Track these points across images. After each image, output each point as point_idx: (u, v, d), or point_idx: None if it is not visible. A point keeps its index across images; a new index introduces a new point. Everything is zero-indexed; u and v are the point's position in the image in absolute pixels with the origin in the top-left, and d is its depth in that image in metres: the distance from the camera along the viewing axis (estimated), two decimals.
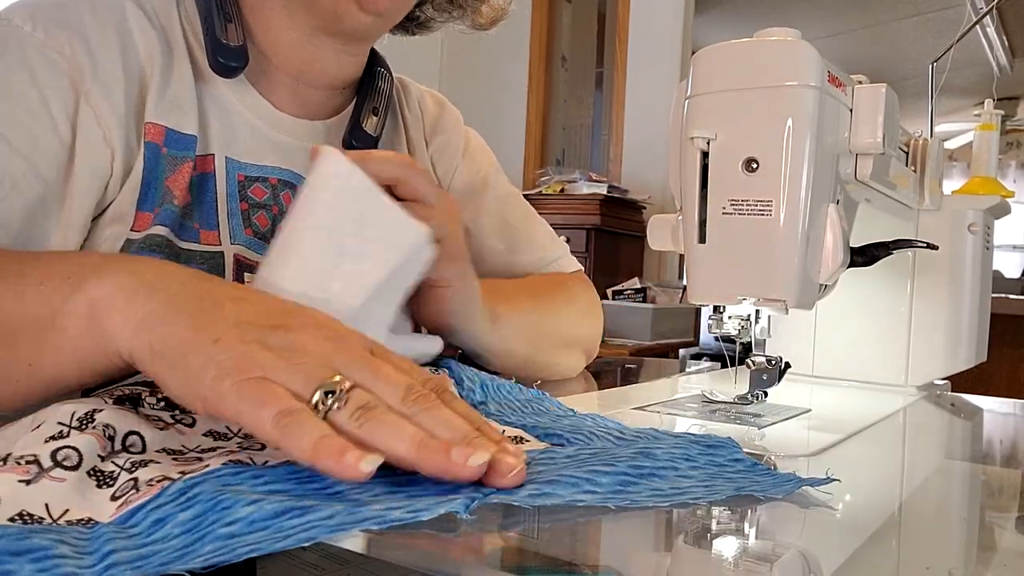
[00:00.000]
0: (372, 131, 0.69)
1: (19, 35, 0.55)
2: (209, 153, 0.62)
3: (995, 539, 0.38)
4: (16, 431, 0.36)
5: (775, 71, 0.54)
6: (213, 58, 0.60)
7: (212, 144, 0.62)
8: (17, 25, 0.56)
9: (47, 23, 0.56)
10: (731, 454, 0.41)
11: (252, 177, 0.64)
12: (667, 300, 2.81)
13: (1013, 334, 1.97)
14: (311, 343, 0.36)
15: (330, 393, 0.34)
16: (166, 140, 0.59)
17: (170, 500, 0.30)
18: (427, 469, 0.33)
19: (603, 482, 0.34)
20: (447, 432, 0.34)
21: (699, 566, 0.32)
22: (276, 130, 0.66)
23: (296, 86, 0.67)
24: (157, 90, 0.59)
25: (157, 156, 0.58)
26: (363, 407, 0.34)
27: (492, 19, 0.78)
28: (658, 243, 0.66)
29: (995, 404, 0.81)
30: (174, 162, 0.59)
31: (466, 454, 0.32)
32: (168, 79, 0.60)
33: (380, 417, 0.34)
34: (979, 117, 1.46)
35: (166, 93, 0.60)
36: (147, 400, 0.40)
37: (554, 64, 3.72)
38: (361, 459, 0.31)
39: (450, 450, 0.32)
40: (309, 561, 0.33)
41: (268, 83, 0.66)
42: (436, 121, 0.81)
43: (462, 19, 0.77)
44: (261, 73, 0.66)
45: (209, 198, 0.61)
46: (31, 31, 0.56)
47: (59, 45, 0.56)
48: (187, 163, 0.60)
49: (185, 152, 0.60)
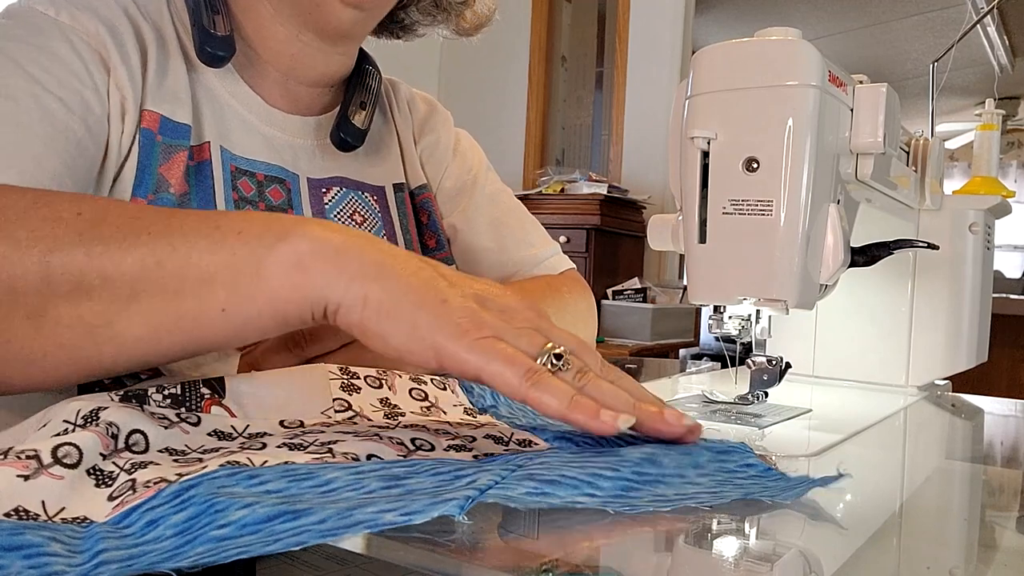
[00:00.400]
0: (360, 124, 0.70)
1: (47, 19, 0.57)
2: (205, 141, 0.63)
3: (995, 539, 0.38)
4: (23, 430, 0.36)
5: (775, 71, 0.54)
6: (200, 47, 0.61)
7: (206, 133, 0.63)
8: (41, 11, 0.57)
9: (69, 7, 0.58)
10: (743, 459, 0.40)
11: (241, 170, 0.64)
12: (667, 300, 2.82)
13: (1014, 334, 1.97)
14: (519, 308, 0.40)
15: (557, 357, 0.38)
16: (160, 127, 0.60)
17: (165, 502, 0.30)
18: (647, 428, 0.39)
19: (604, 485, 0.34)
20: (643, 396, 0.40)
21: (699, 566, 0.31)
22: (266, 124, 0.67)
23: (286, 82, 0.68)
24: (154, 79, 0.60)
25: (152, 143, 0.59)
26: (581, 371, 0.38)
27: (476, 25, 0.78)
28: (658, 243, 0.66)
29: (996, 404, 0.81)
30: (168, 150, 0.60)
31: (677, 415, 0.39)
32: (164, 69, 0.61)
33: (596, 382, 0.38)
34: (980, 117, 1.46)
35: (162, 83, 0.61)
36: (153, 397, 0.40)
37: (554, 64, 3.72)
38: (617, 418, 0.36)
39: (664, 412, 0.39)
40: (308, 561, 0.33)
41: (258, 79, 0.67)
42: (425, 121, 0.81)
43: (446, 24, 0.77)
44: (251, 69, 0.67)
45: (207, 186, 0.62)
46: (56, 15, 0.57)
47: (84, 27, 0.58)
48: (182, 151, 0.60)
49: (179, 141, 0.61)
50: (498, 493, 0.32)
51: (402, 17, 0.76)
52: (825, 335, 0.85)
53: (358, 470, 0.34)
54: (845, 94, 0.57)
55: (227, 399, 0.42)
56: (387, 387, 0.48)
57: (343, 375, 0.47)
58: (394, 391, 0.48)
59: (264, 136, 0.66)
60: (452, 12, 0.76)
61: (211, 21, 0.62)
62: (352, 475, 0.33)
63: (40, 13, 0.57)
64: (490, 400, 0.52)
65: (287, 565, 0.33)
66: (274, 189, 0.65)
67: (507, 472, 0.34)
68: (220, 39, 0.62)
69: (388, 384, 0.48)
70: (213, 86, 0.64)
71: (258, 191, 0.64)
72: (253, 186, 0.64)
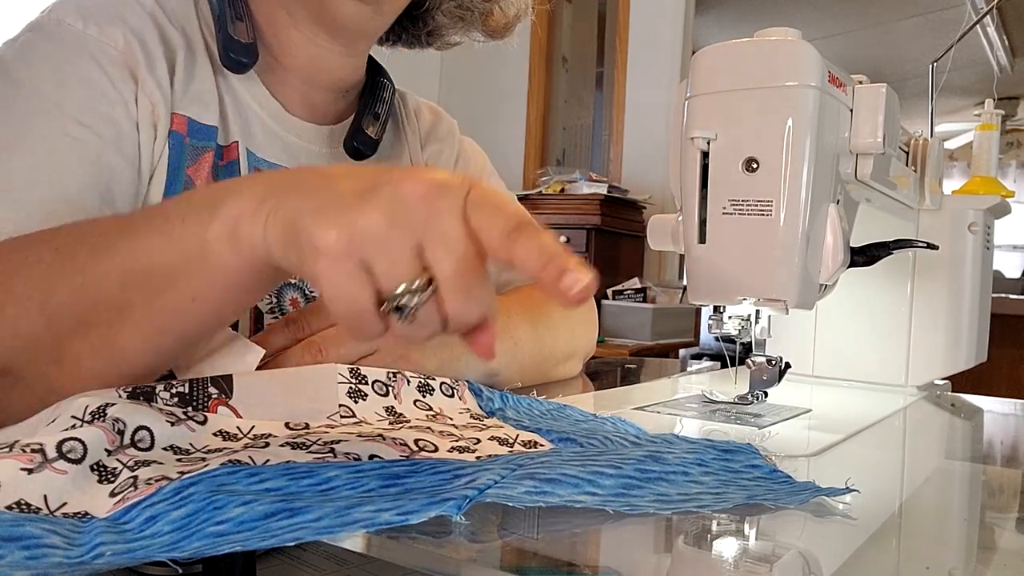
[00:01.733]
0: (373, 135, 0.71)
1: (74, 33, 0.57)
2: (233, 141, 0.64)
3: (995, 539, 0.38)
4: (33, 425, 0.36)
5: (775, 71, 0.54)
6: (224, 53, 0.63)
7: (233, 133, 0.64)
8: (69, 24, 0.58)
9: (98, 20, 0.58)
10: (748, 460, 0.40)
11: (264, 172, 0.65)
12: (667, 300, 2.81)
13: (1013, 334, 1.97)
14: (415, 208, 0.34)
15: (399, 309, 0.33)
16: (189, 130, 0.61)
17: (165, 498, 0.30)
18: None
19: (605, 484, 0.34)
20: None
21: (699, 566, 0.32)
22: (285, 130, 0.68)
23: (304, 88, 0.69)
24: (181, 83, 0.61)
25: (181, 145, 0.61)
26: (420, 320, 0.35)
27: (506, 25, 0.77)
28: (658, 243, 0.66)
29: (995, 404, 0.81)
30: (196, 152, 0.61)
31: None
32: (191, 73, 0.62)
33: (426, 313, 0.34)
34: (979, 117, 1.46)
35: (189, 87, 0.62)
36: (160, 396, 0.40)
37: (554, 64, 3.72)
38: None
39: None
40: (308, 561, 0.33)
41: (279, 85, 0.68)
42: (431, 130, 0.82)
43: (473, 27, 0.77)
44: (272, 75, 0.68)
45: None
46: (83, 28, 0.58)
47: (113, 40, 0.58)
48: (208, 152, 0.62)
49: (206, 142, 0.62)
50: (497, 492, 0.32)
51: (427, 22, 0.76)
52: (825, 335, 0.85)
53: (357, 469, 0.34)
54: (845, 94, 0.57)
55: (234, 399, 0.42)
56: (393, 396, 0.48)
57: (352, 379, 0.47)
58: (400, 400, 0.48)
59: (284, 141, 0.68)
60: (477, 12, 0.75)
61: (235, 28, 0.63)
62: (351, 474, 0.33)
63: (68, 26, 0.57)
64: (498, 403, 0.52)
65: (287, 565, 0.33)
66: None
67: (507, 472, 0.34)
68: (243, 46, 0.63)
69: (395, 393, 0.48)
70: (237, 89, 0.66)
71: None
72: None
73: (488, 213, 0.34)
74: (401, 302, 0.33)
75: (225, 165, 0.63)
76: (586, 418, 0.51)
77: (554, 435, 0.44)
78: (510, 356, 0.65)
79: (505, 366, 0.65)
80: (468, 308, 0.34)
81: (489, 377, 0.62)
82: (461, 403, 0.51)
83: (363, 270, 0.33)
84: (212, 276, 0.39)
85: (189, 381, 0.42)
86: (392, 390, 0.48)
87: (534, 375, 0.70)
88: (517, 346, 0.67)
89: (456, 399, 0.51)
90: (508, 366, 0.65)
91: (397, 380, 0.49)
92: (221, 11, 0.63)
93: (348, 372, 0.47)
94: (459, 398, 0.51)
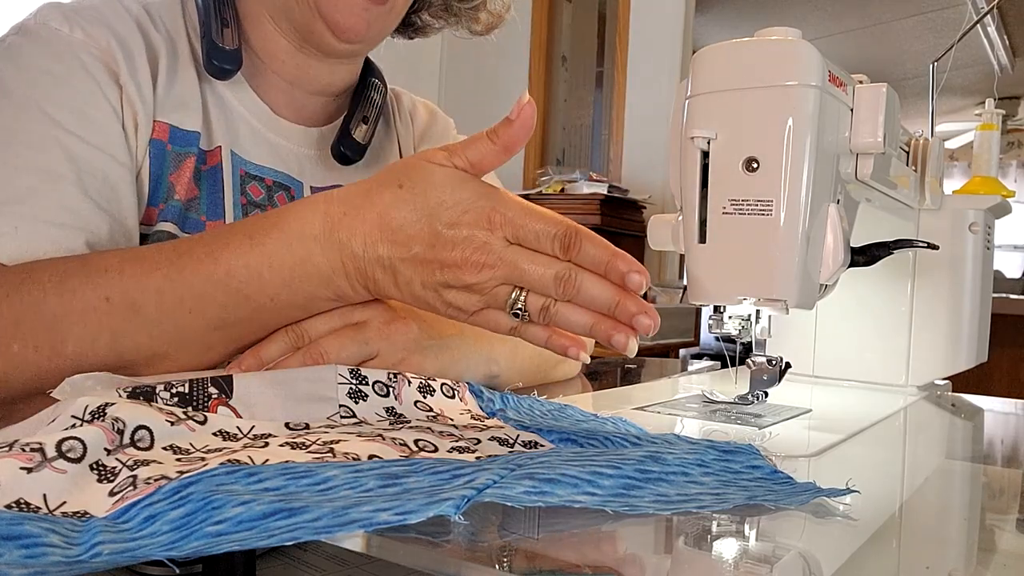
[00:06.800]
0: (361, 139, 0.71)
1: (60, 37, 0.57)
2: (216, 146, 0.64)
3: (995, 539, 0.38)
4: (33, 424, 0.36)
5: (775, 71, 0.54)
6: (207, 60, 0.62)
7: (217, 138, 0.64)
8: (55, 28, 0.58)
9: (83, 23, 0.58)
10: (749, 460, 0.40)
11: (251, 175, 0.65)
12: (667, 300, 2.81)
13: (1014, 334, 1.96)
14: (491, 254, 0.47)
15: (516, 315, 0.48)
16: (171, 137, 0.61)
17: (164, 498, 0.30)
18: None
19: (605, 484, 0.34)
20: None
21: (699, 567, 0.31)
22: (273, 132, 0.68)
23: (292, 91, 0.69)
24: (163, 89, 0.61)
25: (163, 153, 0.60)
26: (544, 308, 0.48)
27: (489, 25, 0.79)
28: (658, 243, 0.66)
29: (996, 404, 0.81)
30: (178, 158, 0.61)
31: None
32: (173, 78, 0.62)
33: (564, 310, 0.49)
34: (980, 117, 1.46)
35: (171, 92, 0.62)
36: (160, 395, 0.40)
37: (554, 64, 3.72)
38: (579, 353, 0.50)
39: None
40: (308, 561, 0.33)
41: (265, 87, 0.68)
42: (426, 129, 0.82)
43: (459, 26, 0.78)
44: (259, 78, 0.68)
45: (216, 188, 0.63)
46: (69, 32, 0.58)
47: (98, 44, 0.58)
48: (190, 158, 0.62)
49: (188, 148, 0.62)
50: (496, 492, 0.32)
51: (415, 20, 0.78)
52: (825, 335, 0.85)
53: (356, 468, 0.34)
54: (845, 94, 0.57)
55: (234, 399, 0.42)
56: (394, 396, 0.48)
57: (352, 380, 0.47)
58: (400, 401, 0.48)
59: (271, 144, 0.68)
60: (464, 16, 0.77)
61: (220, 34, 0.63)
62: (350, 473, 0.33)
63: (54, 31, 0.57)
64: (499, 404, 0.52)
65: (288, 565, 0.33)
66: (281, 195, 0.67)
67: (506, 472, 0.34)
68: (227, 52, 0.63)
69: (395, 393, 0.48)
70: (223, 93, 0.65)
71: (267, 195, 0.66)
72: (263, 190, 0.66)
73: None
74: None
75: (208, 170, 0.63)
76: (587, 418, 0.51)
77: (555, 435, 0.44)
78: (510, 357, 0.65)
79: (505, 367, 0.65)
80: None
81: (489, 378, 0.62)
82: (462, 404, 0.51)
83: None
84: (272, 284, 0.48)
85: (189, 381, 0.42)
86: (393, 391, 0.48)
87: (534, 375, 0.70)
88: (517, 347, 0.67)
89: (457, 400, 0.51)
90: (508, 367, 0.65)
91: (398, 381, 0.49)
92: (207, 15, 0.63)
93: (348, 373, 0.47)
94: (460, 399, 0.51)
